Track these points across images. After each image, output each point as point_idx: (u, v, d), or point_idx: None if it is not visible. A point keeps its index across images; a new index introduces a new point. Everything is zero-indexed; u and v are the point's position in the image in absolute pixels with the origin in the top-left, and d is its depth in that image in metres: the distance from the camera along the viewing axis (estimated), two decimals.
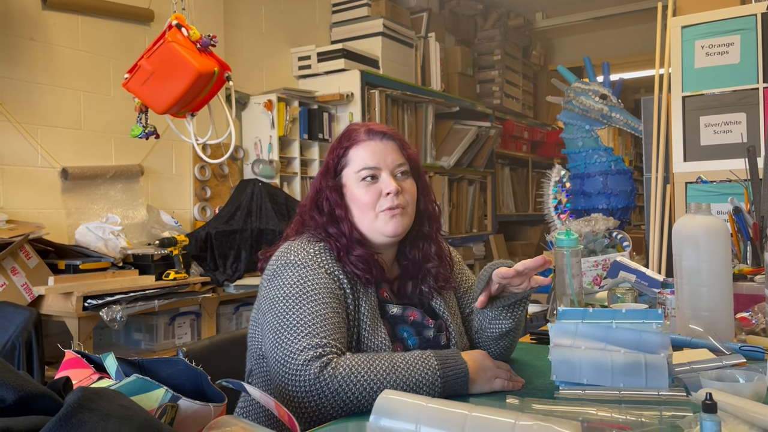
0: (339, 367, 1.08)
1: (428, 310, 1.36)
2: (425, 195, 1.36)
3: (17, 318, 2.31)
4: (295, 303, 1.16)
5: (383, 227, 1.27)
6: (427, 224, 1.36)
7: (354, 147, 1.30)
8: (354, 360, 1.10)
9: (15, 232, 2.53)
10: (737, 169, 2.29)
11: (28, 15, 2.85)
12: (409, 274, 1.36)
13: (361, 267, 1.25)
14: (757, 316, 1.48)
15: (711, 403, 0.80)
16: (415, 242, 1.35)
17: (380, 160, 1.28)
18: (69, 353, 0.91)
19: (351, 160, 1.30)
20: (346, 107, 4.01)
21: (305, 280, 1.19)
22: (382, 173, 1.28)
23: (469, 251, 5.02)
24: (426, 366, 1.11)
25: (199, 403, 0.78)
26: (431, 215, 1.37)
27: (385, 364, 1.10)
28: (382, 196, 1.27)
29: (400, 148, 1.32)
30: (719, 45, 2.79)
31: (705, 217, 1.40)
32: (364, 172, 1.27)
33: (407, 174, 1.32)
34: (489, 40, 5.67)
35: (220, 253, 3.15)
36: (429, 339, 1.30)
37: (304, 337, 1.12)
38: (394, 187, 1.26)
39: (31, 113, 2.84)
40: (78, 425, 0.60)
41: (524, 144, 5.95)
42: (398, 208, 1.27)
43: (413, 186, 1.32)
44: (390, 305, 1.30)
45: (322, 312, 1.15)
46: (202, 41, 2.18)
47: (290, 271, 1.21)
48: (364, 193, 1.27)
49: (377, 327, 1.23)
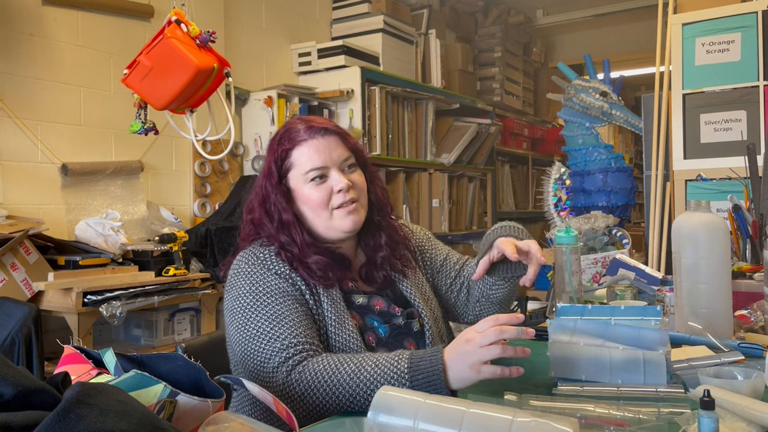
0: (306, 371, 1.08)
1: (399, 297, 1.35)
2: (373, 184, 1.36)
3: (17, 313, 2.32)
4: (251, 312, 1.16)
5: (340, 224, 1.27)
6: (377, 213, 1.36)
7: (297, 148, 1.27)
8: (322, 363, 1.09)
9: (15, 227, 2.53)
10: (737, 166, 2.29)
11: (27, 10, 2.85)
12: (374, 262, 1.35)
13: (318, 274, 1.23)
14: (756, 313, 1.48)
15: (709, 399, 0.80)
16: (368, 231, 1.35)
17: (326, 158, 1.26)
18: (68, 349, 0.91)
19: (296, 162, 1.27)
20: (346, 104, 4.01)
21: (256, 286, 1.19)
22: (330, 171, 1.26)
23: (469, 248, 5.02)
24: (394, 368, 1.05)
25: (198, 398, 0.78)
26: (380, 203, 1.37)
27: (352, 366, 1.07)
28: (333, 194, 1.26)
29: (343, 141, 1.30)
30: (720, 42, 2.79)
31: (704, 215, 1.40)
32: (312, 173, 1.26)
33: (354, 166, 1.31)
34: (489, 37, 5.66)
35: (219, 250, 3.15)
36: (400, 326, 1.29)
37: (267, 343, 1.12)
38: (345, 183, 1.25)
39: (30, 109, 2.84)
40: (76, 420, 0.60)
41: (524, 141, 5.95)
42: (352, 203, 1.27)
43: (362, 177, 1.32)
44: (356, 295, 1.29)
45: (278, 313, 1.15)
46: (201, 37, 2.18)
47: (241, 280, 1.21)
48: (315, 193, 1.26)
49: (344, 321, 1.22)
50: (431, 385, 1.02)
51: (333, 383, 1.06)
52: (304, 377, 1.08)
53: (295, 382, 1.08)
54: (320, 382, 1.07)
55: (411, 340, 1.31)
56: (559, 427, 0.75)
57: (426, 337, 1.32)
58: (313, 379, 1.07)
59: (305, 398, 1.07)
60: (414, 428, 0.79)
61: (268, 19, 4.07)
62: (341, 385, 1.06)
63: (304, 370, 1.08)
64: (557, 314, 1.20)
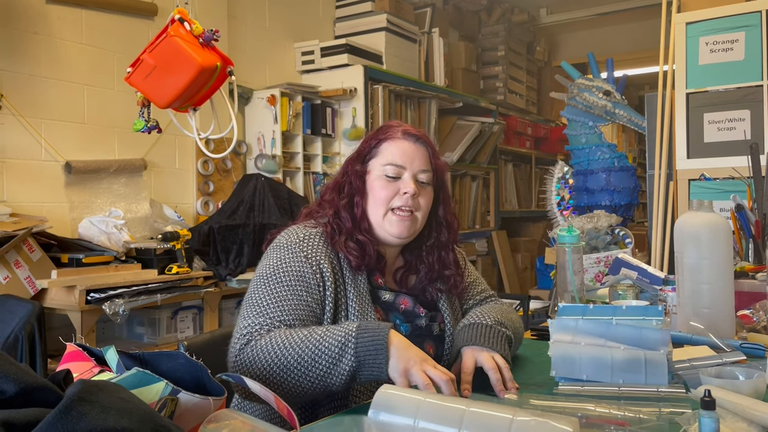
0: (258, 343, 1.11)
1: (427, 301, 1.37)
2: (446, 205, 1.40)
3: (20, 311, 2.33)
4: (264, 283, 1.22)
5: (390, 227, 1.30)
6: (446, 233, 1.40)
7: (387, 141, 1.34)
8: (277, 333, 1.12)
9: (18, 225, 2.54)
10: (740, 166, 2.28)
11: (31, 9, 2.86)
12: (414, 270, 1.38)
13: (354, 253, 1.27)
14: (759, 313, 1.48)
15: (709, 400, 0.80)
16: (433, 249, 1.38)
17: (407, 161, 1.32)
18: (70, 346, 0.92)
19: (381, 153, 1.34)
20: (349, 102, 4.01)
21: (281, 262, 1.24)
22: (405, 173, 1.31)
23: (472, 247, 5.02)
24: (343, 328, 1.08)
25: (199, 396, 0.78)
26: (450, 225, 1.41)
27: (305, 332, 1.10)
28: (398, 194, 1.30)
29: (430, 156, 1.36)
30: (724, 42, 2.78)
31: (707, 215, 1.40)
32: (389, 167, 1.31)
33: (429, 183, 1.35)
34: (493, 35, 5.66)
35: (222, 248, 3.16)
36: (421, 327, 1.31)
37: (255, 315, 1.17)
38: (413, 188, 1.30)
39: (34, 107, 2.85)
40: (78, 417, 0.61)
41: (528, 140, 5.94)
42: (410, 212, 1.30)
43: (430, 196, 1.36)
44: (382, 291, 1.32)
45: (282, 294, 1.20)
46: (204, 36, 2.18)
47: (275, 252, 1.27)
48: (382, 188, 1.31)
49: (366, 312, 1.25)
50: (374, 342, 1.04)
51: (283, 344, 1.09)
52: (258, 347, 1.11)
53: (248, 354, 1.11)
54: (270, 347, 1.10)
55: (431, 342, 1.32)
56: (559, 426, 0.75)
57: (446, 342, 1.34)
58: (264, 347, 1.10)
59: (254, 368, 1.10)
60: (414, 427, 0.80)
61: (272, 18, 4.07)
62: (290, 346, 1.08)
63: (256, 342, 1.12)
64: (559, 314, 1.20)
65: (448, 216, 1.40)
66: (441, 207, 1.39)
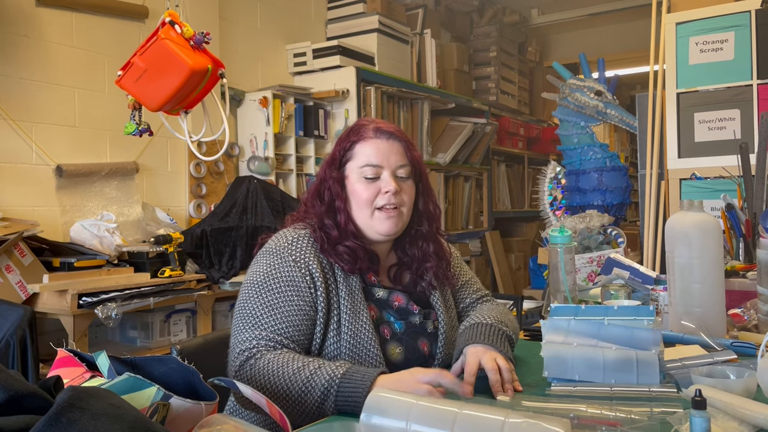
0: (258, 363, 1.14)
1: (421, 299, 1.38)
2: (426, 196, 1.40)
3: (12, 316, 2.31)
4: (256, 292, 1.24)
5: (378, 226, 1.31)
6: (427, 224, 1.40)
7: (360, 143, 1.34)
8: (274, 359, 1.14)
9: (9, 229, 2.53)
10: (730, 165, 2.29)
11: (21, 12, 2.84)
12: (407, 266, 1.40)
13: (345, 258, 1.28)
14: (750, 312, 1.48)
15: (700, 399, 0.81)
16: (415, 240, 1.39)
17: (384, 159, 1.32)
18: (61, 352, 0.91)
19: (356, 155, 1.34)
20: (341, 104, 4.01)
21: (271, 269, 1.25)
22: (383, 172, 1.32)
23: (465, 247, 5.02)
24: (329, 373, 1.09)
25: (191, 401, 0.78)
26: (431, 215, 1.41)
27: (300, 363, 1.12)
28: (380, 194, 1.31)
29: (405, 150, 1.36)
30: (713, 42, 2.80)
31: (697, 214, 1.41)
32: (366, 169, 1.31)
33: (408, 176, 1.35)
34: (485, 36, 5.67)
35: (215, 251, 3.15)
36: (415, 324, 1.33)
37: (251, 327, 1.19)
38: (393, 186, 1.30)
39: (25, 110, 2.84)
40: (68, 424, 0.60)
41: (520, 140, 5.95)
42: (395, 208, 1.31)
43: (412, 189, 1.36)
44: (376, 288, 1.33)
45: (273, 302, 1.21)
46: (195, 38, 2.18)
47: (264, 258, 1.29)
48: (364, 189, 1.31)
49: (359, 311, 1.26)
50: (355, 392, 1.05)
51: (279, 375, 1.11)
52: (258, 366, 1.14)
53: (248, 370, 1.15)
54: (266, 373, 1.12)
55: (425, 339, 1.33)
56: (550, 427, 0.75)
57: (439, 340, 1.34)
58: (260, 371, 1.13)
59: (254, 384, 1.12)
60: (406, 429, 0.80)
61: (263, 20, 4.07)
62: (284, 379, 1.11)
63: (256, 361, 1.15)
64: (551, 314, 1.20)
65: (430, 207, 1.41)
66: (421, 199, 1.39)
